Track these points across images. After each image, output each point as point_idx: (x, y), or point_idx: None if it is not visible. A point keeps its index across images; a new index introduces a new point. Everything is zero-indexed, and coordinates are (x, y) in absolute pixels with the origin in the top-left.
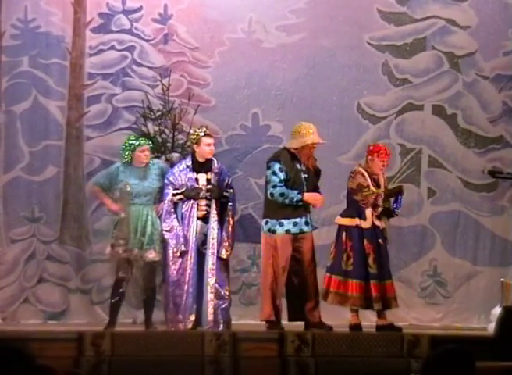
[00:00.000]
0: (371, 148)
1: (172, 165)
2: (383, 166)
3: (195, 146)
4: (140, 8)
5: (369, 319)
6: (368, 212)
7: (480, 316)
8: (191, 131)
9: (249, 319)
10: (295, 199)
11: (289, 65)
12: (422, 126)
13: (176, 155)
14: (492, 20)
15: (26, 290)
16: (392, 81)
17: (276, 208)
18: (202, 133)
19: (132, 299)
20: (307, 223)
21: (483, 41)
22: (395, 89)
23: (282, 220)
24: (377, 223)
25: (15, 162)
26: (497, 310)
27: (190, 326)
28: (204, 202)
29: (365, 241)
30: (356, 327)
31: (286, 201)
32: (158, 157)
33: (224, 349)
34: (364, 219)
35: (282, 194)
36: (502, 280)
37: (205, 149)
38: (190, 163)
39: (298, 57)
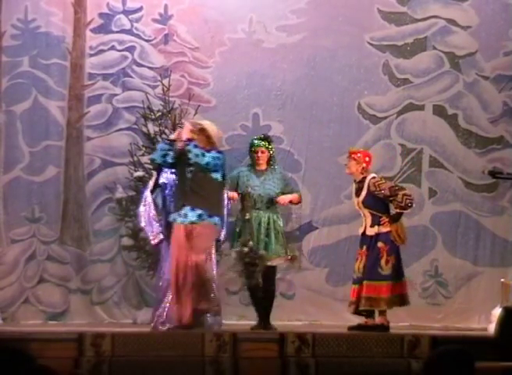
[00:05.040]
0: None
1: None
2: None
3: None
4: (140, 9)
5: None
6: (363, 219)
7: (480, 317)
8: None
9: (249, 320)
10: None
11: (290, 65)
12: (423, 127)
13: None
14: (492, 20)
15: (27, 290)
16: (392, 81)
17: None
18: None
19: (132, 299)
20: None
21: (484, 41)
22: (396, 89)
23: None
24: (367, 229)
25: (15, 163)
26: (497, 310)
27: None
28: None
29: (358, 248)
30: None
31: None
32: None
33: (224, 349)
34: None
35: None
36: (502, 280)
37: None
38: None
39: (299, 57)
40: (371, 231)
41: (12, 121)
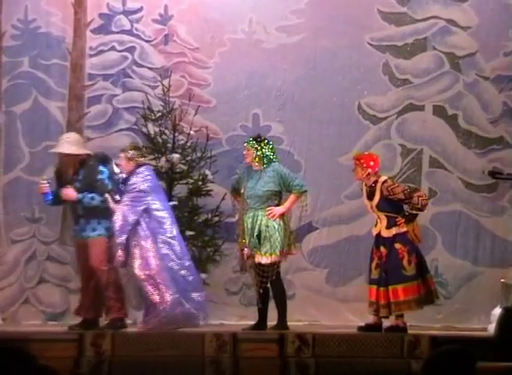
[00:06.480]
0: None
1: (172, 166)
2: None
3: None
4: (140, 9)
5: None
6: (378, 221)
7: (480, 317)
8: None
9: (249, 320)
10: None
11: (290, 65)
12: (423, 127)
13: (176, 156)
14: (492, 21)
15: (27, 290)
16: (392, 81)
17: None
18: None
19: (132, 299)
20: None
21: (484, 41)
22: (396, 89)
23: None
24: (383, 231)
25: (15, 163)
26: (497, 311)
27: None
28: None
29: (374, 248)
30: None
31: None
32: (158, 158)
33: (224, 349)
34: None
35: None
36: (502, 280)
37: None
38: None
39: (299, 57)
40: (388, 233)
41: (13, 121)
